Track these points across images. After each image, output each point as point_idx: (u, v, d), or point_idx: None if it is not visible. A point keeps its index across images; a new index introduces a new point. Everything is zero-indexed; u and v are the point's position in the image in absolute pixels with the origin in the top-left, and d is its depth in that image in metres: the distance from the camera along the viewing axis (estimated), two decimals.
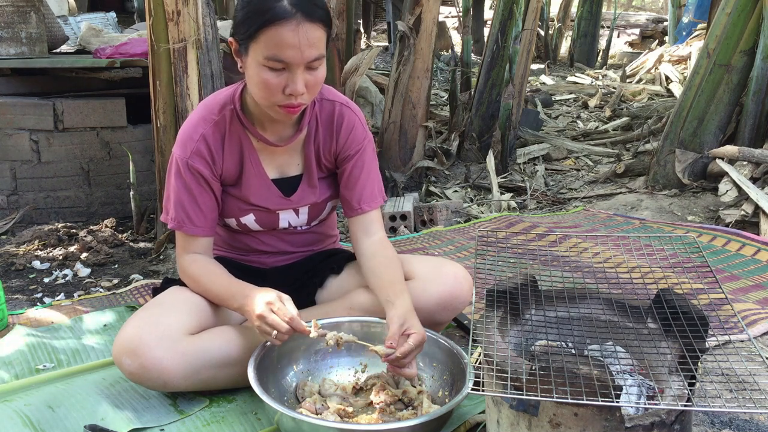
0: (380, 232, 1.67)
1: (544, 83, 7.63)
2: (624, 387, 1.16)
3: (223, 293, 1.53)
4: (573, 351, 1.27)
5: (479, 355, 1.42)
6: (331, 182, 1.70)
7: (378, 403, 1.47)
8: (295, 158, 1.64)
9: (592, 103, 6.28)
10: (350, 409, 1.44)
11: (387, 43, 9.21)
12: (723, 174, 3.31)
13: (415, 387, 1.52)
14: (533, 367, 1.09)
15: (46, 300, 2.25)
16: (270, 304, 1.39)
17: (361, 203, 1.65)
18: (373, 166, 1.68)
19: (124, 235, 2.89)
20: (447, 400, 1.46)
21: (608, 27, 9.80)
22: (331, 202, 1.72)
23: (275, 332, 1.37)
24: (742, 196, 3.11)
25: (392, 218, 3.05)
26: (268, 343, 1.48)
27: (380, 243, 1.64)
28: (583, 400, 1.00)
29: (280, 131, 1.58)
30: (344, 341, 1.45)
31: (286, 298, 1.43)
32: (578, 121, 5.68)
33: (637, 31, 10.81)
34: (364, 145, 1.65)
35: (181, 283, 1.64)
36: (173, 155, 1.57)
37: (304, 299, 1.72)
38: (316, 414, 1.41)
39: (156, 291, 1.68)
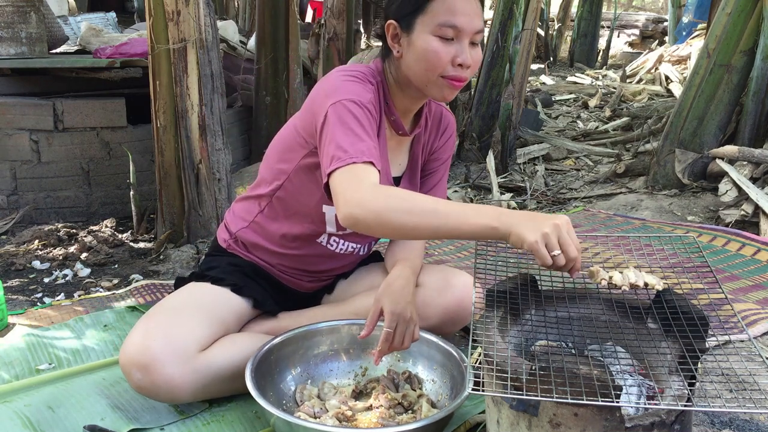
0: None
1: (544, 83, 7.63)
2: (624, 387, 1.15)
3: (458, 207, 1.24)
4: (573, 351, 1.27)
5: (479, 356, 1.42)
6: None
7: (377, 407, 1.46)
8: (402, 156, 1.64)
9: (592, 103, 6.28)
10: (349, 413, 1.43)
11: None
12: (723, 174, 3.31)
13: (414, 390, 1.51)
14: (533, 367, 1.09)
15: (46, 300, 2.25)
16: (569, 224, 1.18)
17: None
18: (447, 175, 1.77)
19: (124, 235, 2.89)
20: (447, 404, 1.46)
21: (608, 27, 9.81)
22: None
23: (559, 252, 1.15)
24: (742, 196, 3.10)
25: None
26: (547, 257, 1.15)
27: None
28: (583, 400, 1.00)
29: (405, 123, 1.58)
30: None
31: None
32: (578, 121, 5.68)
33: (637, 31, 10.82)
34: (451, 154, 1.75)
35: (197, 279, 1.63)
36: (337, 103, 1.36)
37: (311, 303, 1.75)
38: (315, 418, 1.41)
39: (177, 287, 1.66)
